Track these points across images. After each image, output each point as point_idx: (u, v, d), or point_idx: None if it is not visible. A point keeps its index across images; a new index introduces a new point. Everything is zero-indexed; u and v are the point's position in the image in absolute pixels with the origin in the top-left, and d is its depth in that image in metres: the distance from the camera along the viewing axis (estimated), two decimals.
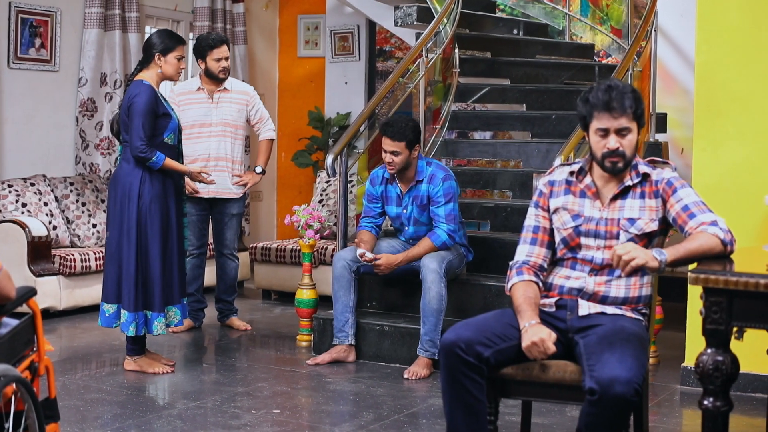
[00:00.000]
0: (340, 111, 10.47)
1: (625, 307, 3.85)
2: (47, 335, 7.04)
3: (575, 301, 3.88)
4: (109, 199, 5.92)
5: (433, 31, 7.40)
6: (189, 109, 7.07)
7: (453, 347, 3.71)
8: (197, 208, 7.13)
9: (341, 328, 6.20)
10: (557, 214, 3.98)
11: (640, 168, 3.86)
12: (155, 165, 5.80)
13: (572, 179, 4.00)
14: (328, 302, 6.94)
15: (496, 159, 7.79)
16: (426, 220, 6.19)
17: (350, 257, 6.19)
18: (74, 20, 8.82)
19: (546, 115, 7.78)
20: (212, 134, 7.09)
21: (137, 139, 5.74)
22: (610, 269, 3.83)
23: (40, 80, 8.58)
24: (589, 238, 3.89)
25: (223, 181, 7.08)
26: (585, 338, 3.72)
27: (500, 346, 3.76)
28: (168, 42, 5.92)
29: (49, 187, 8.18)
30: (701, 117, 5.77)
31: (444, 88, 7.89)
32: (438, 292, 5.87)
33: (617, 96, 3.75)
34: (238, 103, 7.18)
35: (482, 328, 3.79)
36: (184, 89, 7.20)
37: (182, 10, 10.02)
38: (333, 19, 10.61)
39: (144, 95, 5.76)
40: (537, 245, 4.02)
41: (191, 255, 7.08)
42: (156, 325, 5.86)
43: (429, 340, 5.92)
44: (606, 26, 9.40)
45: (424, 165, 6.17)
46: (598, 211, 3.89)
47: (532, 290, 3.91)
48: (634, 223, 3.82)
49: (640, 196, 3.85)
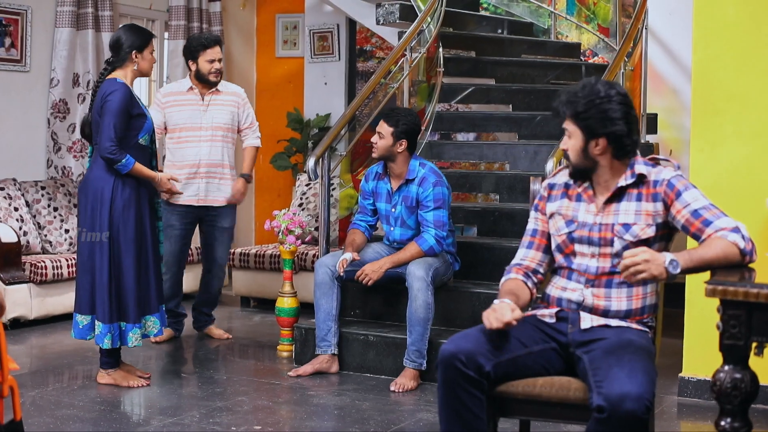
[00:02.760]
0: (319, 112, 10.26)
1: (629, 320, 3.62)
2: (17, 346, 6.86)
3: (576, 314, 3.66)
4: (80, 204, 5.68)
5: (417, 29, 7.21)
6: (177, 111, 6.74)
7: (453, 360, 3.49)
8: (184, 221, 6.83)
9: (324, 337, 5.96)
10: (553, 219, 3.79)
11: (636, 167, 3.62)
12: (123, 168, 5.54)
13: (571, 182, 3.78)
14: (309, 309, 6.71)
15: (482, 161, 7.57)
16: (413, 224, 5.98)
17: (333, 263, 5.97)
18: (45, 19, 8.58)
19: (533, 116, 7.60)
20: (203, 139, 6.74)
21: (107, 140, 5.48)
22: (608, 279, 3.62)
23: (10, 81, 8.33)
24: (583, 245, 3.68)
25: (214, 188, 6.79)
26: (589, 353, 3.49)
27: (501, 359, 3.54)
28: (142, 37, 5.72)
29: (20, 191, 7.92)
30: (698, 116, 5.57)
31: (428, 88, 7.68)
32: (425, 301, 5.65)
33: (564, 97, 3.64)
34: (229, 105, 6.86)
35: (482, 339, 3.57)
36: (172, 90, 6.86)
37: (157, 8, 9.80)
38: (312, 18, 10.42)
39: (119, 94, 5.53)
40: (533, 249, 3.87)
41: (168, 272, 6.74)
42: (131, 337, 5.62)
43: (416, 350, 5.69)
44: (593, 25, 9.21)
45: (417, 165, 5.98)
46: (592, 216, 3.66)
47: (514, 283, 3.79)
48: (629, 229, 3.59)
49: (636, 199, 3.61)
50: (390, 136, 5.90)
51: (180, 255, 6.88)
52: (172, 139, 6.76)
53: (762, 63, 5.39)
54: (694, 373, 5.57)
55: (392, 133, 5.90)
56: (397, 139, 5.90)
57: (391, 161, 5.98)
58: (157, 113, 6.64)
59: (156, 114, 6.60)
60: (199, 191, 6.68)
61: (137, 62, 5.68)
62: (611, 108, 3.56)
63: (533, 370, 3.62)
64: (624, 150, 3.61)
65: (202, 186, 6.73)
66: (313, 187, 8.64)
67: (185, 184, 6.59)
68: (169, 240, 6.65)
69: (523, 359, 3.60)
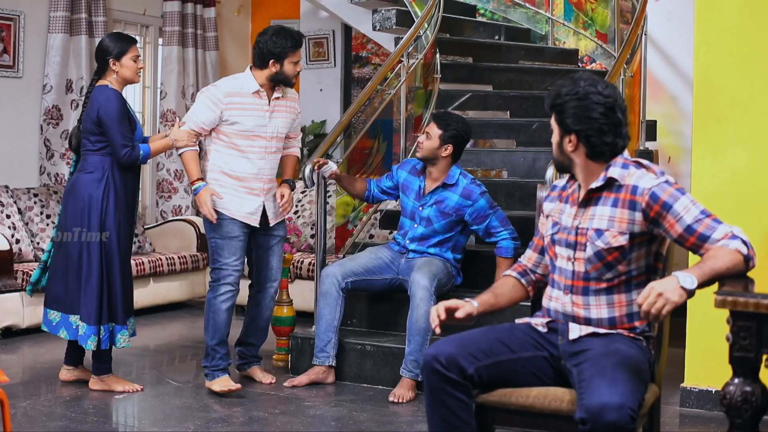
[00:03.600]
0: (315, 119, 10.19)
1: (619, 327, 3.54)
2: (9, 355, 6.77)
3: (565, 325, 3.59)
4: (67, 207, 5.64)
5: (414, 35, 7.14)
6: (244, 116, 5.69)
7: (432, 362, 3.45)
8: (244, 231, 5.79)
9: (323, 348, 5.86)
10: (546, 221, 3.75)
11: (610, 171, 3.51)
12: (145, 159, 5.65)
13: (566, 184, 3.72)
14: (304, 318, 6.63)
15: (480, 168, 7.49)
16: (440, 228, 5.94)
17: (340, 273, 5.88)
18: (38, 24, 8.50)
19: (531, 123, 7.51)
20: (268, 150, 5.77)
21: (121, 148, 5.50)
22: (585, 286, 3.54)
23: (3, 87, 8.26)
24: (561, 247, 3.62)
25: (273, 204, 5.86)
26: (577, 366, 3.42)
27: (485, 362, 3.49)
28: (120, 45, 5.63)
29: (12, 198, 7.84)
30: (700, 123, 5.49)
31: (425, 94, 7.60)
32: (426, 311, 5.55)
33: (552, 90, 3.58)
34: (291, 112, 5.94)
35: (466, 343, 3.52)
36: (235, 89, 5.72)
37: (151, 14, 9.73)
38: (307, 24, 10.36)
39: (113, 101, 5.51)
40: (532, 249, 3.87)
41: (234, 291, 5.80)
42: (119, 338, 5.62)
43: (413, 360, 5.60)
44: (591, 31, 9.14)
45: (458, 174, 5.96)
46: (572, 218, 3.60)
47: (503, 281, 3.83)
48: (601, 236, 3.49)
49: (612, 204, 3.50)
50: (437, 138, 5.86)
51: (241, 262, 5.87)
52: (229, 146, 5.71)
53: (765, 68, 5.31)
54: (696, 384, 5.48)
55: (440, 136, 5.86)
56: (444, 142, 5.87)
57: (432, 164, 5.94)
58: (209, 111, 5.65)
59: (207, 112, 5.66)
60: (257, 210, 5.77)
61: (116, 71, 5.60)
62: (587, 106, 3.48)
63: (521, 376, 3.56)
64: (595, 151, 3.51)
65: (268, 205, 5.82)
66: (308, 194, 8.56)
67: (241, 198, 5.72)
68: (234, 254, 5.74)
69: (510, 364, 3.54)
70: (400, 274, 5.97)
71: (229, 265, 5.74)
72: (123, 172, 5.60)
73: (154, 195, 9.75)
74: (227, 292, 5.76)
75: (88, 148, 5.59)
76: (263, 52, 5.71)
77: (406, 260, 5.98)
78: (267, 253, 5.95)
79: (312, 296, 6.67)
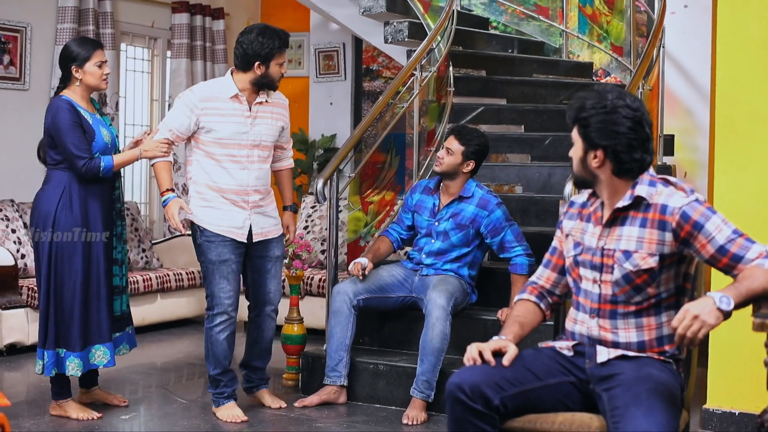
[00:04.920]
0: (325, 133, 10.08)
1: (649, 351, 3.39)
2: (13, 373, 6.64)
3: (593, 348, 3.43)
4: (30, 227, 5.46)
5: (427, 48, 7.01)
6: (221, 122, 5.33)
7: (457, 392, 3.29)
8: (236, 253, 5.44)
9: (334, 368, 5.72)
10: (566, 240, 3.59)
11: (637, 189, 3.36)
12: (108, 172, 5.31)
13: (587, 201, 3.56)
14: (315, 335, 6.49)
15: (493, 183, 7.35)
16: (457, 240, 5.81)
17: (352, 290, 5.74)
18: (45, 36, 8.40)
19: (546, 137, 7.39)
20: (251, 159, 5.41)
21: (76, 159, 5.21)
22: (612, 309, 3.39)
23: (9, 99, 8.15)
24: (586, 269, 3.46)
25: (263, 219, 5.52)
26: (608, 391, 3.28)
27: (511, 392, 3.33)
28: (82, 51, 5.36)
29: (18, 212, 7.72)
30: (721, 137, 5.34)
31: (438, 108, 7.47)
32: (442, 330, 5.42)
33: (575, 102, 3.43)
34: (277, 118, 5.57)
35: (490, 371, 3.35)
36: (212, 94, 5.36)
37: (159, 26, 9.63)
38: (317, 36, 10.26)
39: (62, 113, 5.23)
40: (549, 268, 3.70)
41: (230, 319, 5.45)
42: (68, 366, 5.31)
43: (425, 380, 5.45)
44: (605, 44, 9.01)
45: (474, 186, 5.86)
46: (596, 239, 3.44)
47: (523, 308, 3.63)
48: (629, 257, 3.34)
49: (640, 225, 3.35)
50: (460, 155, 5.76)
51: (237, 297, 5.51)
52: (209, 156, 5.38)
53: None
54: (719, 405, 5.33)
55: (462, 152, 5.77)
56: (466, 158, 5.78)
57: (451, 179, 5.84)
58: (183, 117, 5.33)
59: (182, 118, 5.34)
60: (245, 224, 5.42)
61: (80, 78, 5.35)
62: (615, 120, 3.32)
63: (548, 403, 3.41)
64: (623, 167, 3.36)
65: (253, 218, 5.46)
66: (318, 210, 8.43)
67: (227, 211, 5.39)
68: (225, 279, 5.41)
69: (537, 392, 3.39)
70: (413, 292, 5.83)
71: (222, 293, 5.40)
72: (86, 186, 5.31)
73: (161, 210, 9.62)
74: (223, 322, 5.44)
75: (48, 162, 5.37)
76: (247, 53, 5.32)
77: (419, 277, 5.85)
78: (263, 277, 5.59)
79: (323, 313, 6.55)
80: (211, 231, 5.37)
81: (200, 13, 9.74)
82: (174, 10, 9.62)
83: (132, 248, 8.43)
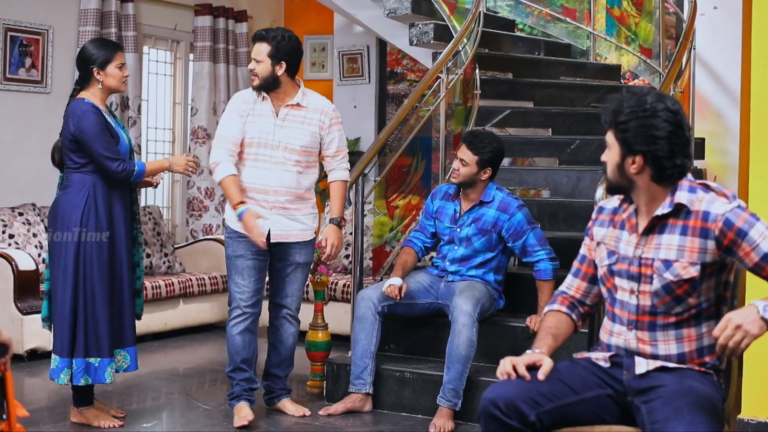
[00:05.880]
0: (349, 136, 9.96)
1: (689, 363, 3.26)
2: (34, 378, 6.55)
3: (631, 359, 3.30)
4: (48, 231, 5.33)
5: (453, 50, 6.90)
6: (251, 122, 5.39)
7: (491, 408, 3.17)
8: (252, 250, 5.39)
9: (359, 375, 5.62)
10: (598, 248, 3.44)
11: (677, 195, 3.22)
12: (140, 176, 5.26)
13: (618, 207, 3.43)
14: (339, 342, 6.39)
15: (520, 187, 7.24)
16: (480, 246, 5.70)
17: (376, 296, 5.64)
18: (67, 39, 8.34)
19: (574, 140, 7.27)
20: (273, 159, 5.38)
21: (111, 162, 5.13)
22: (651, 321, 3.26)
23: (30, 102, 8.09)
24: (622, 279, 3.32)
25: (285, 222, 5.45)
26: (647, 403, 3.15)
27: (547, 407, 3.20)
28: (103, 52, 5.27)
29: (39, 216, 7.65)
30: (758, 140, 5.19)
31: (465, 111, 7.37)
32: (469, 338, 5.31)
33: (608, 104, 3.27)
34: (309, 124, 5.46)
35: (526, 385, 3.22)
36: (248, 97, 5.47)
37: (182, 29, 9.55)
38: (341, 39, 10.18)
39: (89, 116, 5.14)
40: (578, 278, 3.55)
41: (245, 314, 5.44)
42: (109, 372, 5.21)
43: (452, 389, 5.34)
44: (634, 46, 8.89)
45: (494, 189, 5.74)
46: (632, 248, 3.30)
47: (555, 319, 3.48)
48: (670, 267, 3.21)
49: (680, 232, 3.21)
50: (474, 165, 5.62)
51: (256, 294, 5.47)
52: (240, 155, 5.42)
53: None
54: (754, 415, 5.19)
55: (477, 161, 5.62)
56: (481, 167, 5.64)
57: (470, 188, 5.72)
58: (235, 123, 5.39)
59: (234, 124, 5.38)
60: (264, 223, 5.37)
61: (101, 80, 5.26)
62: (655, 124, 3.18)
63: (584, 417, 3.29)
64: (663, 174, 3.22)
65: (273, 219, 5.40)
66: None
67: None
68: (239, 274, 5.42)
69: (573, 407, 3.26)
70: (439, 299, 5.72)
71: (235, 288, 5.42)
72: (109, 189, 5.24)
73: (184, 214, 9.56)
74: (238, 316, 5.42)
75: (68, 165, 5.27)
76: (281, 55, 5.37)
77: (445, 284, 5.74)
78: (281, 280, 5.56)
79: (347, 319, 6.46)
80: (230, 227, 5.44)
81: (223, 15, 9.67)
82: (197, 12, 9.55)
83: (154, 253, 8.35)
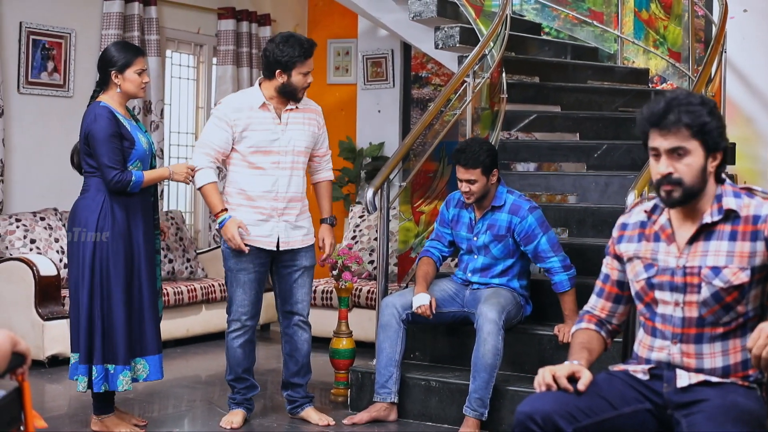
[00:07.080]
0: (373, 141, 9.89)
1: (732, 376, 3.15)
2: (55, 385, 6.49)
3: (672, 372, 3.18)
4: (67, 236, 5.27)
5: (480, 53, 6.78)
6: (252, 131, 5.34)
7: (527, 422, 3.05)
8: (256, 262, 5.39)
9: (384, 384, 5.52)
10: (630, 264, 3.30)
11: (724, 201, 3.12)
12: (136, 187, 5.15)
13: (647, 220, 3.31)
14: (364, 349, 6.29)
15: (547, 192, 7.13)
16: (498, 253, 5.59)
17: (401, 303, 5.53)
18: (90, 42, 8.29)
19: (601, 145, 7.16)
20: (281, 165, 5.39)
21: (108, 170, 5.06)
22: (698, 333, 3.14)
23: (52, 106, 8.04)
24: (664, 291, 3.19)
25: (292, 228, 5.45)
26: (688, 417, 3.03)
27: (584, 423, 3.07)
28: (124, 56, 5.21)
29: (61, 221, 7.60)
30: None
31: (491, 115, 7.26)
32: (494, 346, 5.20)
33: (672, 108, 3.06)
34: (310, 125, 5.50)
35: (563, 399, 3.10)
36: (241, 104, 5.38)
37: (205, 33, 9.50)
38: (365, 43, 10.08)
39: (101, 120, 5.08)
40: (602, 298, 3.46)
41: (245, 327, 5.42)
42: (121, 380, 5.13)
43: (478, 398, 5.24)
44: (662, 49, 8.76)
45: (505, 192, 5.62)
46: (674, 258, 3.18)
47: (586, 336, 3.38)
48: (719, 274, 3.09)
49: (729, 238, 3.11)
50: (481, 177, 5.49)
51: (256, 306, 5.48)
52: (242, 164, 5.38)
53: None
54: None
55: (481, 173, 5.49)
56: (488, 174, 5.52)
57: (485, 197, 5.60)
58: (221, 132, 5.34)
59: (220, 133, 5.34)
60: (273, 232, 5.38)
61: (119, 84, 5.20)
62: (721, 119, 3.12)
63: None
64: (723, 168, 3.18)
65: (280, 226, 5.40)
66: (366, 219, 8.25)
67: (253, 220, 5.36)
68: (241, 287, 5.40)
69: (612, 422, 3.13)
70: (465, 307, 5.61)
71: (237, 301, 5.40)
72: (128, 194, 5.18)
73: (206, 219, 9.48)
74: (238, 329, 5.41)
75: (86, 169, 5.22)
76: (269, 60, 5.33)
77: (470, 291, 5.64)
78: (290, 286, 5.50)
79: (371, 325, 6.36)
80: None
81: (246, 19, 9.61)
82: (220, 16, 9.50)
83: (176, 258, 8.28)
